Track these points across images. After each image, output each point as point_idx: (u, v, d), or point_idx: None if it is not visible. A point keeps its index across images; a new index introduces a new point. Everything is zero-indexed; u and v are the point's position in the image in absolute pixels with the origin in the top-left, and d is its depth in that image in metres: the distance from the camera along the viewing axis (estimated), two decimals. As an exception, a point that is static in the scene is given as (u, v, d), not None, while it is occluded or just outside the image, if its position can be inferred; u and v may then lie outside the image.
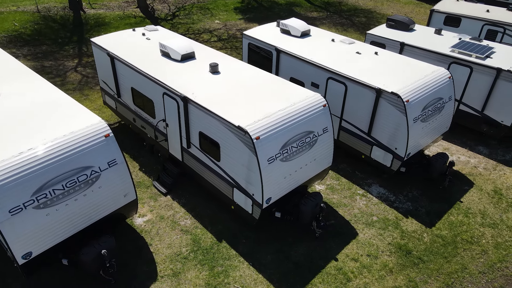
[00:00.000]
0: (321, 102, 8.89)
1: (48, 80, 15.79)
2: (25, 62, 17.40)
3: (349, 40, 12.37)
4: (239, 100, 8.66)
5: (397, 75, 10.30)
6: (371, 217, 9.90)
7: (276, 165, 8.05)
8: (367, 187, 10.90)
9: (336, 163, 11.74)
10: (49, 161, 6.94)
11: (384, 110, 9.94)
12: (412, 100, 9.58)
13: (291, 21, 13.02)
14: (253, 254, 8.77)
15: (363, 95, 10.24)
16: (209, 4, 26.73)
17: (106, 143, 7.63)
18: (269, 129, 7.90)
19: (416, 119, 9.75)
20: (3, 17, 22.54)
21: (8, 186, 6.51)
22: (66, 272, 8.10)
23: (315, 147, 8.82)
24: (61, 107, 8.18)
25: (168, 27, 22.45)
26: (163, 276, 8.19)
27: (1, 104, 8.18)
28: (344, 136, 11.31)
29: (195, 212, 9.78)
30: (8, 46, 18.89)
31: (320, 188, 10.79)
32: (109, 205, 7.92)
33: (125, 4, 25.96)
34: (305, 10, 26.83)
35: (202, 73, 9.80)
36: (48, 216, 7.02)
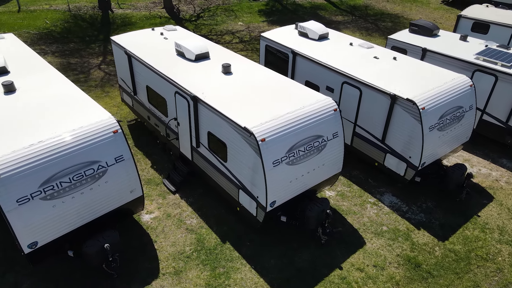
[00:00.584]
0: (332, 106, 8.72)
1: (72, 76, 16.33)
2: (53, 58, 18.03)
3: (367, 45, 12.10)
4: (248, 102, 8.61)
5: (414, 82, 9.98)
6: (380, 226, 9.60)
7: (281, 169, 7.94)
8: (379, 195, 10.60)
9: (349, 169, 11.49)
10: (58, 154, 7.10)
11: (399, 117, 9.64)
12: (429, 107, 9.25)
13: (309, 24, 12.88)
14: (256, 257, 8.68)
15: (377, 100, 9.98)
16: (234, 6, 26.90)
17: (114, 139, 7.75)
18: (275, 132, 7.81)
19: (432, 127, 9.40)
20: (35, 15, 23.48)
21: (17, 177, 6.71)
22: (71, 264, 8.27)
23: (324, 152, 8.65)
24: (74, 102, 8.38)
25: (192, 28, 22.74)
26: (165, 273, 8.22)
27: (18, 97, 8.46)
28: (357, 142, 11.05)
29: (201, 212, 9.79)
30: (38, 43, 19.63)
31: (330, 194, 10.58)
32: (115, 200, 8.03)
33: (152, 5, 26.50)
34: (329, 14, 26.55)
35: (214, 73, 9.82)
36: (54, 208, 7.19)
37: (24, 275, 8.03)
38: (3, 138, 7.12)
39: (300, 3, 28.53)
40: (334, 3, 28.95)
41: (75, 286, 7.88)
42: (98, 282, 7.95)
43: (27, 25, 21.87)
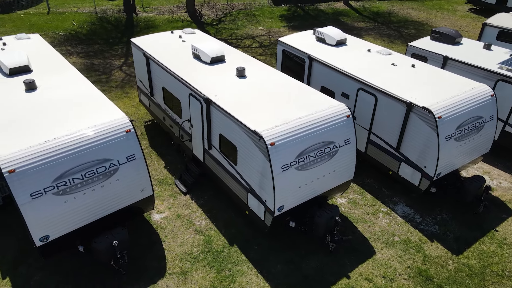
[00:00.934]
0: (344, 113, 8.62)
1: (94, 76, 16.78)
2: (77, 59, 18.58)
3: (386, 51, 11.92)
4: (260, 105, 8.62)
5: (431, 90, 9.75)
6: (392, 237, 9.39)
7: (290, 173, 7.89)
8: (392, 205, 10.38)
9: (362, 177, 11.31)
10: (71, 151, 7.29)
11: (415, 125, 9.43)
12: (445, 116, 9.01)
13: (327, 29, 12.81)
14: (263, 261, 8.64)
15: (393, 108, 9.80)
16: (256, 11, 27.06)
17: (126, 138, 7.90)
18: (285, 136, 7.78)
19: (448, 137, 9.15)
20: (64, 17, 24.29)
21: (32, 171, 6.92)
22: (82, 259, 8.44)
23: (335, 159, 8.55)
24: (91, 102, 8.59)
25: (213, 32, 23.00)
26: (171, 273, 8.29)
27: (38, 95, 8.74)
28: (372, 150, 10.87)
29: (211, 214, 9.83)
30: (65, 44, 20.28)
31: (342, 201, 10.43)
32: (125, 198, 8.17)
33: (175, 9, 26.98)
34: (351, 20, 26.33)
35: (228, 77, 9.88)
36: (66, 203, 7.37)
37: (36, 268, 8.25)
38: (21, 134, 7.37)
39: (322, 9, 28.43)
40: (357, 9, 28.71)
41: (84, 281, 8.04)
42: (106, 278, 8.09)
43: (55, 26, 22.64)
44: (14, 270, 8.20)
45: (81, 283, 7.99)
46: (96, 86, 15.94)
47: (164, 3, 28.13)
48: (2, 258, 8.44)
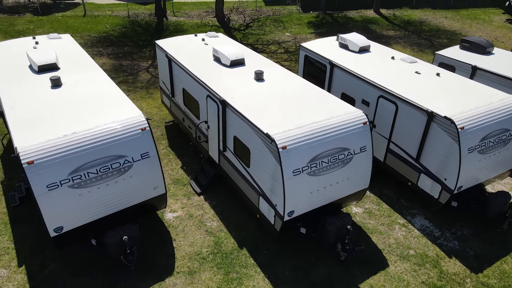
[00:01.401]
0: (361, 119, 8.44)
1: (122, 77, 17.28)
2: (107, 60, 19.22)
3: (410, 59, 11.62)
4: (276, 109, 8.58)
5: (456, 99, 9.40)
6: (407, 250, 9.06)
7: (302, 178, 7.79)
8: (410, 217, 10.03)
9: (380, 187, 11.01)
10: (88, 146, 7.50)
11: (436, 135, 9.11)
12: (468, 127, 8.65)
13: (350, 36, 12.64)
14: (271, 266, 8.54)
15: (414, 117, 9.51)
16: (284, 17, 27.12)
17: (141, 136, 8.05)
18: (298, 140, 7.69)
19: (471, 149, 8.77)
20: (98, 20, 25.23)
21: (49, 164, 7.17)
22: (94, 253, 8.63)
23: (349, 166, 8.37)
24: (112, 100, 8.81)
25: (239, 37, 23.22)
26: (179, 272, 8.33)
27: (62, 92, 9.07)
28: (391, 159, 10.57)
29: (223, 216, 9.84)
30: (97, 45, 21.04)
31: (357, 210, 10.18)
32: (138, 195, 8.31)
33: (204, 14, 27.46)
34: (381, 28, 25.89)
35: (246, 80, 9.91)
36: (80, 196, 7.58)
37: (50, 259, 8.51)
38: (42, 128, 7.66)
39: (352, 16, 28.13)
40: (387, 17, 28.22)
41: (94, 274, 8.22)
42: (116, 273, 8.23)
43: (90, 28, 23.55)
44: (31, 259, 8.49)
45: (92, 276, 8.16)
46: (122, 86, 16.52)
47: (194, 8, 28.71)
48: (20, 247, 8.76)
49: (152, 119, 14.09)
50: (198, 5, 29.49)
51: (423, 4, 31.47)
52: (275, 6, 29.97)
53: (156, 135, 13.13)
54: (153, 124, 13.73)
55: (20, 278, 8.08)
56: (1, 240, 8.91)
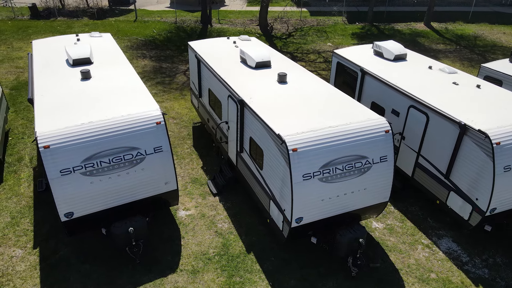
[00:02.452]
0: (383, 127, 7.91)
1: (159, 78, 17.80)
2: (149, 62, 19.92)
3: (450, 69, 10.84)
4: (293, 111, 8.29)
5: (495, 113, 8.57)
6: (428, 273, 8.29)
7: (312, 184, 7.41)
8: (436, 238, 9.22)
9: (406, 203, 10.27)
10: (102, 135, 7.65)
11: (468, 150, 8.34)
12: (506, 143, 7.82)
13: (386, 43, 12.08)
14: (277, 274, 8.17)
15: (445, 129, 8.79)
16: (327, 28, 26.74)
17: (156, 129, 8.10)
18: (310, 144, 7.35)
19: (508, 168, 7.91)
20: (147, 25, 26.36)
21: (64, 149, 7.39)
22: (104, 242, 8.76)
23: (367, 175, 7.85)
24: (134, 93, 8.98)
25: (280, 45, 23.17)
26: (183, 270, 8.21)
27: (90, 84, 9.39)
28: (419, 174, 9.84)
29: (235, 218, 9.64)
30: (141, 48, 21.92)
31: (378, 226, 9.54)
32: (149, 188, 8.34)
33: (248, 22, 27.78)
34: (430, 42, 24.69)
35: (269, 82, 9.73)
36: (92, 184, 7.73)
37: (63, 244, 8.75)
38: (63, 115, 7.94)
39: (399, 29, 27.14)
40: (438, 31, 26.90)
41: (100, 263, 8.32)
42: (121, 264, 8.28)
43: (138, 32, 24.64)
44: (45, 242, 8.78)
45: (97, 264, 8.27)
46: (158, 86, 17.00)
47: (239, 17, 29.15)
48: (38, 230, 9.11)
49: (181, 118, 14.30)
50: (243, 14, 29.94)
51: (480, 19, 29.71)
52: (321, 16, 29.67)
53: (183, 134, 13.28)
54: (181, 124, 13.91)
55: (33, 259, 8.36)
56: (23, 222, 9.32)
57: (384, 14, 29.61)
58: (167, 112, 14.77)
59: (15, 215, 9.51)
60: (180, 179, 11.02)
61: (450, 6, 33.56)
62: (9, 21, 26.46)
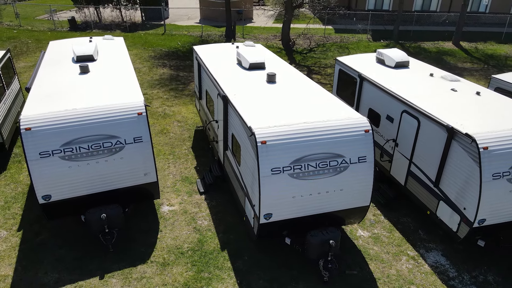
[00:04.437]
0: (363, 126, 7.64)
1: (174, 84, 18.34)
2: (167, 70, 20.57)
3: (452, 77, 10.37)
4: (273, 108, 8.20)
5: (489, 119, 8.06)
6: (408, 285, 7.74)
7: (282, 179, 7.22)
8: (424, 250, 8.63)
9: (398, 214, 9.75)
10: (83, 122, 7.91)
11: (456, 156, 7.85)
12: (494, 149, 7.29)
13: (388, 51, 11.79)
14: (247, 273, 7.93)
15: (434, 134, 8.36)
16: (350, 45, 26.56)
17: (136, 120, 8.27)
18: (281, 137, 7.21)
19: (498, 175, 7.34)
20: (173, 38, 27.37)
21: (44, 133, 7.69)
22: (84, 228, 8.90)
23: (343, 175, 7.56)
24: (125, 86, 9.25)
25: (299, 59, 23.24)
26: (153, 261, 8.17)
27: (87, 77, 9.74)
28: (411, 183, 9.35)
29: (217, 216, 9.53)
30: (163, 57, 22.73)
31: (362, 234, 9.08)
32: (127, 178, 8.46)
33: (272, 37, 28.16)
34: (456, 60, 23.85)
35: (259, 81, 9.73)
36: (70, 169, 7.95)
37: (45, 228, 9.00)
38: (52, 103, 8.28)
39: (426, 47, 26.47)
40: (467, 50, 25.96)
41: (75, 247, 8.45)
42: (95, 251, 8.36)
43: (163, 44, 25.61)
44: (29, 226, 9.07)
45: (73, 250, 8.40)
46: (171, 92, 17.46)
47: (264, 32, 29.64)
48: (26, 215, 9.44)
49: (185, 122, 14.52)
50: (268, 30, 30.42)
51: (514, 40, 28.43)
52: (345, 34, 29.57)
53: (184, 136, 13.46)
54: (185, 127, 14.13)
55: (15, 241, 8.64)
56: (14, 207, 9.70)
57: (411, 32, 29.06)
58: (174, 115, 15.08)
59: (8, 200, 9.93)
60: (172, 177, 11.11)
61: (483, 27, 32.42)
62: (49, 32, 28.40)
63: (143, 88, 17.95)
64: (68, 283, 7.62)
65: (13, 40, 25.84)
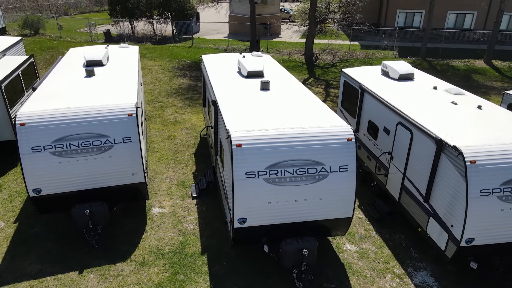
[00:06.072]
0: (345, 135, 7.46)
1: (190, 94, 18.73)
2: (186, 80, 21.12)
3: (456, 91, 9.93)
4: (258, 114, 8.16)
5: (483, 132, 7.61)
6: (389, 303, 7.33)
7: (257, 183, 7.14)
8: (412, 269, 8.16)
9: (392, 230, 9.32)
10: (74, 120, 8.27)
11: (445, 170, 7.45)
12: (483, 163, 6.86)
13: (394, 63, 11.50)
14: (222, 279, 7.83)
15: (425, 146, 8.00)
16: (375, 61, 26.11)
17: (126, 120, 8.53)
18: (258, 142, 7.16)
19: (487, 192, 6.88)
20: (199, 51, 28.14)
21: (37, 129, 8.10)
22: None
23: (322, 184, 7.37)
24: (123, 89, 9.60)
25: (319, 73, 23.15)
26: (133, 260, 8.26)
27: (91, 80, 10.20)
28: (405, 199, 8.94)
29: (204, 221, 9.53)
30: (185, 69, 23.38)
31: (349, 248, 8.74)
32: (115, 177, 8.68)
33: (296, 52, 28.26)
34: (486, 79, 22.82)
35: (253, 89, 9.77)
36: (59, 164, 8.28)
37: (39, 222, 9.36)
38: (51, 102, 8.71)
39: (454, 65, 25.53)
40: (499, 69, 24.77)
41: (62, 242, 8.72)
42: (80, 247, 8.58)
43: (187, 56, 26.39)
44: (26, 219, 9.48)
45: (59, 244, 8.68)
46: (186, 101, 17.88)
47: (288, 47, 29.82)
48: (25, 209, 9.89)
49: (194, 129, 14.77)
50: (293, 44, 30.57)
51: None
52: (371, 50, 29.15)
53: (189, 143, 13.68)
54: (192, 134, 14.36)
55: (9, 232, 9.05)
56: (16, 201, 10.20)
57: (440, 50, 28.18)
58: (184, 123, 15.39)
59: (12, 194, 10.46)
60: (168, 180, 11.28)
61: (521, 46, 30.88)
62: (85, 43, 30.07)
63: (160, 96, 18.53)
64: (48, 275, 7.85)
65: (52, 50, 27.56)
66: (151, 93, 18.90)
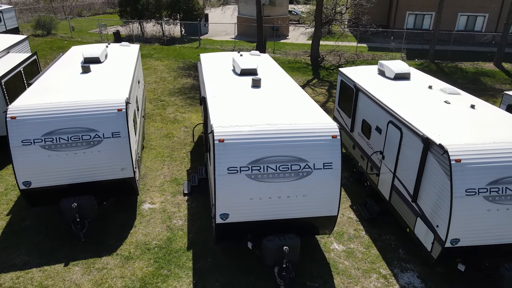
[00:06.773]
0: (330, 132, 7.38)
1: (193, 93, 18.84)
2: (191, 80, 21.25)
3: (451, 90, 9.75)
4: (246, 110, 8.15)
5: (474, 131, 7.44)
6: (372, 304, 7.20)
7: (239, 179, 7.12)
8: (399, 270, 8.01)
9: (382, 231, 9.18)
10: (64, 114, 8.38)
11: (431, 169, 7.31)
12: (469, 162, 6.70)
13: (390, 62, 11.37)
14: (206, 274, 7.82)
15: (413, 145, 7.87)
16: (381, 62, 25.82)
17: (116, 115, 8.61)
18: (240, 137, 7.14)
19: (472, 191, 6.71)
20: (206, 51, 28.26)
21: (28, 122, 8.23)
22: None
23: (305, 181, 7.30)
24: (115, 86, 9.71)
25: (324, 74, 23.03)
26: (118, 254, 8.31)
27: (87, 77, 10.35)
28: (394, 198, 8.79)
29: (193, 217, 9.55)
30: (189, 69, 23.53)
31: (337, 247, 8.63)
32: (104, 171, 8.77)
33: (302, 53, 28.17)
34: (494, 81, 22.36)
35: (245, 86, 9.76)
36: (49, 158, 8.40)
37: (31, 215, 9.51)
38: (44, 96, 8.84)
39: (463, 67, 25.09)
40: (509, 71, 24.25)
41: (52, 235, 8.84)
42: (68, 240, 8.68)
43: (194, 57, 26.56)
44: (19, 212, 9.64)
45: (49, 237, 8.79)
46: (188, 100, 17.96)
47: (295, 48, 29.75)
48: (19, 202, 10.05)
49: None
50: (299, 46, 30.50)
51: None
52: (379, 52, 28.87)
53: (186, 141, 13.74)
54: (190, 133, 14.42)
55: (1, 224, 9.22)
56: (11, 194, 10.38)
57: (449, 52, 27.74)
58: (183, 121, 15.48)
59: (8, 187, 10.66)
60: (162, 177, 11.34)
61: (534, 48, 30.14)
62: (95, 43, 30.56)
63: (162, 95, 18.67)
64: (34, 266, 7.96)
65: (62, 49, 28.05)
66: (154, 92, 19.07)
